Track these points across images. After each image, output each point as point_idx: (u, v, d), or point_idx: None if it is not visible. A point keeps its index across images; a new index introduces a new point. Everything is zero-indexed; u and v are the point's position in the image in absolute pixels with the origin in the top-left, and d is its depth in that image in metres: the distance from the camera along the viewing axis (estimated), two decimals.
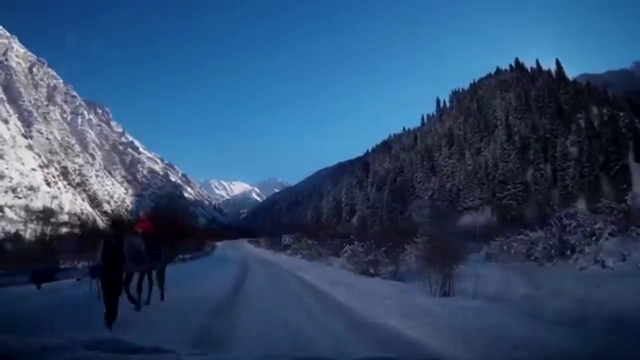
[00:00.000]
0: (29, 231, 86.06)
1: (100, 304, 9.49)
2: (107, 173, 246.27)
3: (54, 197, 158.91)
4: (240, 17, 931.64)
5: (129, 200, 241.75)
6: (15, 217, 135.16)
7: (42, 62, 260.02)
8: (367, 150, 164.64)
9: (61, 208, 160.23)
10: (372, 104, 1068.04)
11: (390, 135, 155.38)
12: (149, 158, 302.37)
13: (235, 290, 17.72)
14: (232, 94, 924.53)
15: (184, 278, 20.39)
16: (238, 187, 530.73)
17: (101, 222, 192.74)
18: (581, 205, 71.76)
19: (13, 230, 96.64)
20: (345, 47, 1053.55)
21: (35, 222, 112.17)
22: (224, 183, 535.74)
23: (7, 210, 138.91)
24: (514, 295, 13.22)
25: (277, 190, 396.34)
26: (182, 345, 5.83)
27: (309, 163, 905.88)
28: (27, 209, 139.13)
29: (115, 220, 18.60)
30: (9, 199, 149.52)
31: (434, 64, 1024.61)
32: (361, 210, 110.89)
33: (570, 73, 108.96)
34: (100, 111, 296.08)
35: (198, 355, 3.74)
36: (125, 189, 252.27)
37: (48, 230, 74.20)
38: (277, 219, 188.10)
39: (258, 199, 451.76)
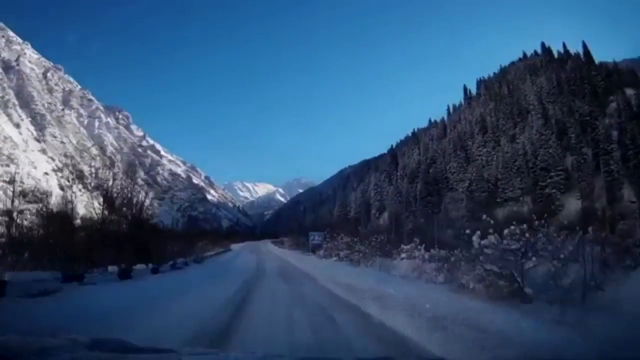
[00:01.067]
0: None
1: None
2: (123, 174, 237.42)
3: (69, 202, 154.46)
4: (260, 17, 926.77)
5: (148, 203, 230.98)
6: (25, 223, 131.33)
7: (59, 69, 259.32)
8: (392, 146, 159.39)
9: (76, 212, 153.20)
10: (394, 100, 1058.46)
11: (414, 130, 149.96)
12: (170, 161, 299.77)
13: None
14: (253, 97, 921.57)
15: None
16: (262, 189, 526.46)
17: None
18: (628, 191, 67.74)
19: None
20: (366, 46, 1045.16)
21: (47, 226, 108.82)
22: (248, 185, 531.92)
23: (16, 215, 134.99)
24: None
25: (301, 191, 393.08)
26: (182, 345, 6.11)
27: (333, 162, 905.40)
28: (38, 213, 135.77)
29: None
30: (18, 203, 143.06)
31: (454, 55, 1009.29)
32: (392, 206, 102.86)
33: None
34: (119, 116, 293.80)
35: (198, 355, 4.02)
36: (146, 192, 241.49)
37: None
38: (301, 219, 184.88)
39: (282, 199, 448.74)
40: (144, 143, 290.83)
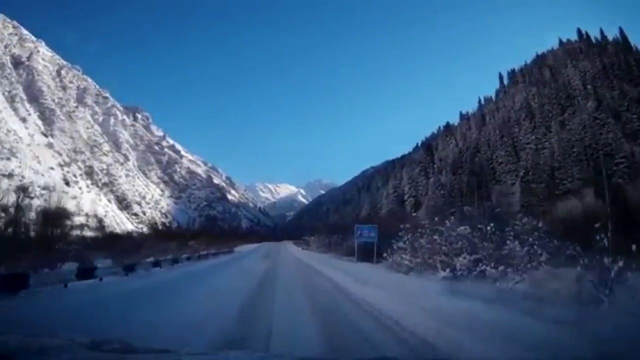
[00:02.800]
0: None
1: None
2: (140, 173, 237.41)
3: (73, 198, 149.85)
4: (283, 16, 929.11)
5: (164, 202, 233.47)
6: (22, 219, 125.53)
7: (77, 70, 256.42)
8: (417, 144, 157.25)
9: (80, 209, 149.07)
10: (416, 99, 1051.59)
11: (439, 128, 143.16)
12: (191, 161, 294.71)
13: None
14: (275, 101, 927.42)
15: None
16: (283, 190, 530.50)
17: (130, 225, 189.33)
18: None
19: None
20: (387, 46, 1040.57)
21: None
22: (270, 186, 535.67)
23: (12, 210, 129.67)
24: None
25: (322, 192, 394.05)
26: (182, 345, 5.35)
27: (354, 163, 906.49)
28: (37, 209, 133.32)
29: None
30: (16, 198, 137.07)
31: (475, 50, 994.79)
32: (433, 200, 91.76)
33: None
34: (139, 116, 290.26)
35: (198, 355, 4.04)
36: (162, 190, 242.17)
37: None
38: (324, 219, 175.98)
39: (304, 200, 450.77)
40: (164, 143, 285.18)
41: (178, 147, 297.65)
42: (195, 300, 14.78)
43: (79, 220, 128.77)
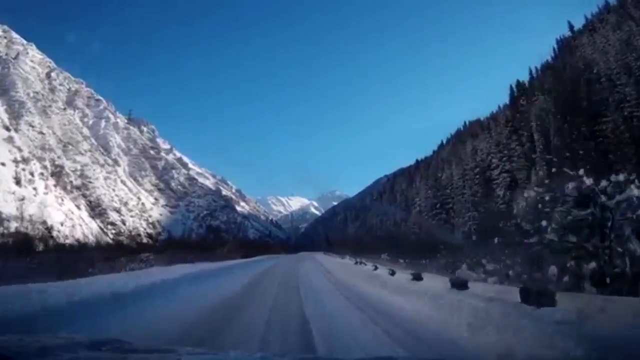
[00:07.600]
0: None
1: None
2: (129, 178, 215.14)
3: (20, 199, 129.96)
4: (292, 27, 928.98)
5: (157, 211, 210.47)
6: None
7: (81, 82, 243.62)
8: (442, 141, 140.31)
9: (29, 215, 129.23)
10: (424, 107, 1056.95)
11: (465, 122, 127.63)
12: (199, 173, 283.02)
13: None
14: (285, 115, 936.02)
15: None
16: (296, 202, 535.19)
17: (104, 235, 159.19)
18: None
19: None
20: (399, 51, 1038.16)
21: None
22: (282, 199, 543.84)
23: None
24: None
25: (335, 203, 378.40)
26: (182, 345, 5.26)
27: (366, 174, 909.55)
28: None
29: None
30: None
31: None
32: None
33: None
34: (145, 128, 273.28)
35: (198, 354, 3.90)
36: (155, 198, 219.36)
37: None
38: (341, 229, 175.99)
39: (317, 212, 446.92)
40: (171, 156, 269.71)
41: (185, 159, 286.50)
42: None
43: (13, 226, 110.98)
